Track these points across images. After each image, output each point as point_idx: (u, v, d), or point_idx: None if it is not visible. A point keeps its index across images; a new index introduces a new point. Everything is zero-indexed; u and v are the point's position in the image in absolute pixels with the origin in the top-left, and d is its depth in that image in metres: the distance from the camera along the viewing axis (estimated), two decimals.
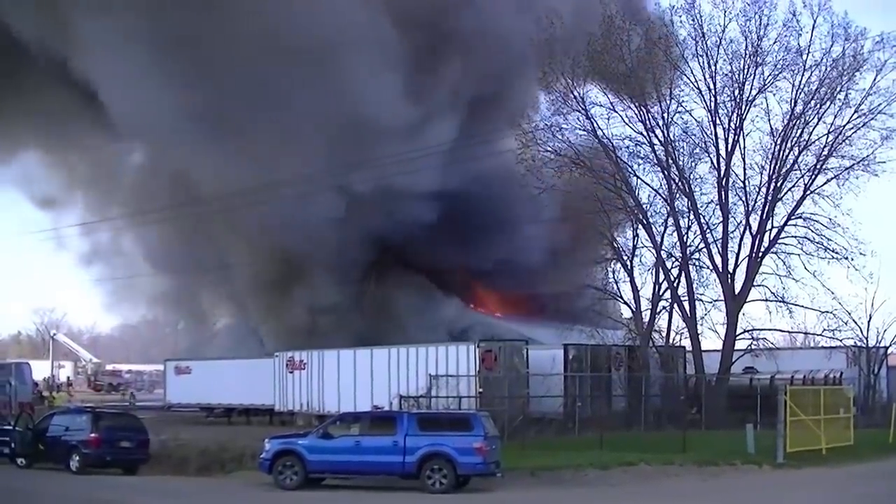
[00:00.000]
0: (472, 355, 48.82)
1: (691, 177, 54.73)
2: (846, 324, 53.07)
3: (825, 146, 52.59)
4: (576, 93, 54.25)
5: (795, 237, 53.14)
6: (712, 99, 52.92)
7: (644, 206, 55.38)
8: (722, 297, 53.79)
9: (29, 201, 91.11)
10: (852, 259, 51.47)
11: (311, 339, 63.76)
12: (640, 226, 55.36)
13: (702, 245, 54.36)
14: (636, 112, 54.10)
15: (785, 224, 53.35)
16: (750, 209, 53.55)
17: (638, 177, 56.14)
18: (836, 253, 51.75)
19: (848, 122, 52.15)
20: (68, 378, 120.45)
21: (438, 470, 32.01)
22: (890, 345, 57.29)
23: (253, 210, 67.84)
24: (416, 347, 51.82)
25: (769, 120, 53.34)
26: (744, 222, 53.75)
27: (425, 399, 46.90)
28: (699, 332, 53.91)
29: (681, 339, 55.44)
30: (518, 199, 65.02)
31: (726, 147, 53.23)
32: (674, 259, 55.12)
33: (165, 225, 76.23)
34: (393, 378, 51.21)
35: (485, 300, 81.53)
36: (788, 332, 56.86)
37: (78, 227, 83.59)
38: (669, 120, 53.77)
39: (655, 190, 55.60)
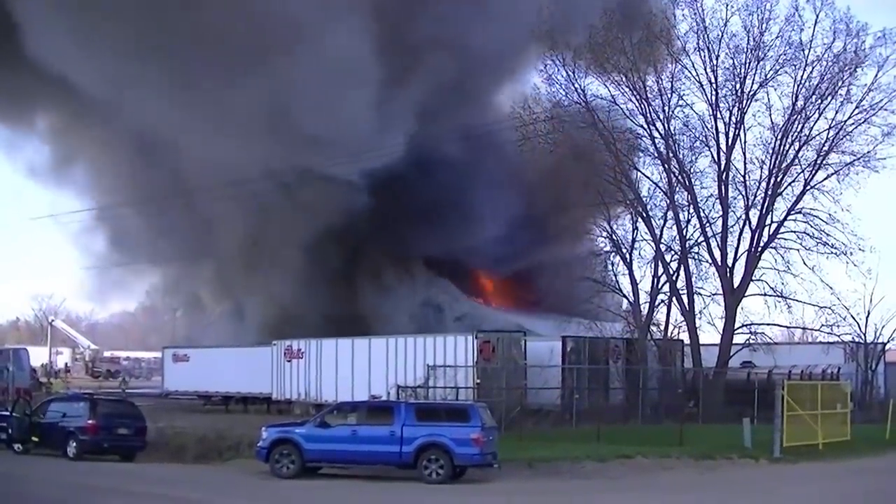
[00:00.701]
0: (470, 346, 48.82)
1: (691, 170, 54.91)
2: (844, 319, 53.07)
3: (826, 142, 52.63)
4: (577, 85, 54.41)
5: (795, 232, 53.21)
6: (713, 93, 53.03)
7: (644, 199, 55.49)
8: (720, 291, 53.86)
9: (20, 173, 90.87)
10: (851, 255, 51.61)
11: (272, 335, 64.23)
12: (639, 219, 55.36)
13: (701, 239, 54.47)
14: (637, 105, 54.20)
15: (784, 219, 53.37)
16: (750, 204, 53.64)
17: (638, 170, 56.35)
18: (836, 248, 51.83)
19: (849, 118, 52.23)
20: (66, 364, 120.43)
21: (435, 460, 31.99)
22: (888, 341, 57.37)
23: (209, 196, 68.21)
24: (413, 338, 51.91)
25: (770, 115, 53.50)
26: (743, 217, 53.92)
27: (423, 389, 46.77)
28: (697, 325, 54.12)
29: (679, 333, 55.52)
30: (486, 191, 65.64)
31: (727, 141, 53.27)
32: (673, 252, 55.18)
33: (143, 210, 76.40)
34: (391, 368, 51.22)
35: (482, 290, 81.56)
36: (786, 326, 56.68)
37: (52, 215, 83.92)
38: (670, 113, 53.93)
39: (655, 183, 55.85)
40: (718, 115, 53.24)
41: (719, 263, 53.66)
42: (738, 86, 52.54)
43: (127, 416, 40.85)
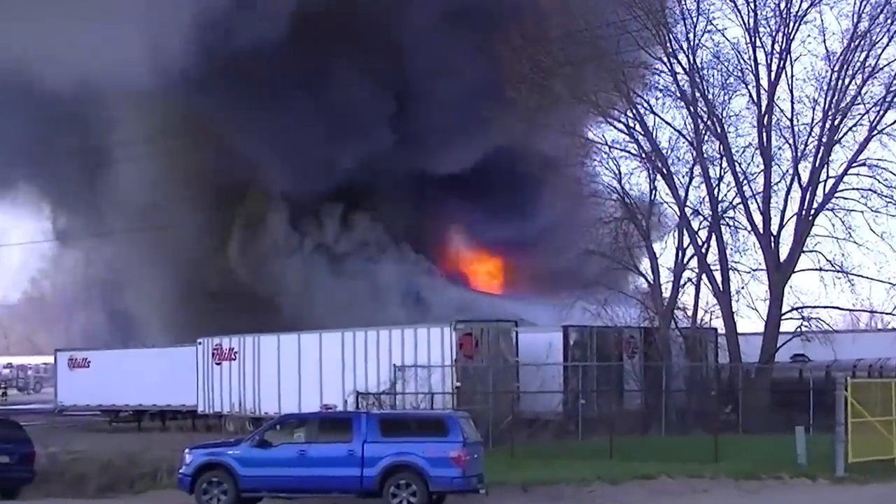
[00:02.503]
0: (447, 340, 48.85)
1: (724, 114, 54.67)
2: None
3: None
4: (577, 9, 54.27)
5: (858, 189, 52.96)
6: (751, 14, 52.87)
7: (664, 152, 55.31)
8: (763, 266, 53.70)
9: None
10: None
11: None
12: (658, 176, 55.26)
13: (737, 200, 54.30)
14: (654, 33, 53.94)
15: (844, 173, 53.17)
16: (799, 154, 53.44)
17: (656, 114, 56.11)
18: None
19: None
20: None
21: (406, 486, 31.87)
22: None
23: None
24: (376, 331, 51.92)
25: (825, 40, 53.24)
26: (791, 171, 53.74)
27: (389, 396, 47.01)
28: (734, 310, 54.02)
29: (711, 320, 55.63)
30: None
31: (769, 76, 53.11)
32: (702, 218, 55.23)
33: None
34: (348, 370, 51.33)
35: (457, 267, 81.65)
36: (849, 310, 56.99)
37: None
38: (696, 42, 53.74)
39: (678, 131, 55.68)
40: (758, 43, 53.05)
41: (761, 231, 53.49)
42: (783, 4, 52.45)
43: (8, 439, 40.42)
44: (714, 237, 54.40)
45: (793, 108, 53.47)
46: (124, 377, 65.99)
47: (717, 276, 54.12)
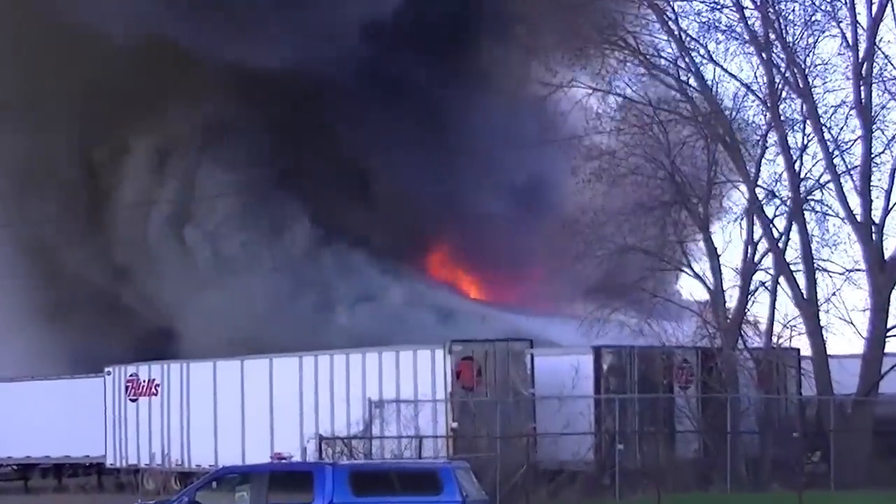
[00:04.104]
0: (440, 366, 48.75)
1: (808, 63, 54.33)
2: None
3: None
4: None
5: None
6: None
7: (727, 113, 54.94)
8: (862, 266, 53.44)
9: None
10: None
11: None
12: (720, 145, 54.88)
13: (826, 177, 54.02)
14: None
15: None
16: None
17: (717, 64, 55.89)
18: None
19: None
20: None
21: None
22: None
23: None
24: (345, 354, 51.93)
25: None
26: None
27: (362, 441, 46.88)
28: (823, 324, 53.75)
29: (791, 337, 55.33)
30: None
31: (869, 10, 52.90)
32: (779, 202, 54.88)
33: None
34: (308, 407, 51.59)
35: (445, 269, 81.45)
36: None
37: None
38: None
39: (747, 86, 55.49)
40: None
41: (859, 218, 53.28)
42: None
43: None
44: (795, 227, 54.10)
45: None
46: (5, 420, 65.71)
47: (800, 279, 53.82)
